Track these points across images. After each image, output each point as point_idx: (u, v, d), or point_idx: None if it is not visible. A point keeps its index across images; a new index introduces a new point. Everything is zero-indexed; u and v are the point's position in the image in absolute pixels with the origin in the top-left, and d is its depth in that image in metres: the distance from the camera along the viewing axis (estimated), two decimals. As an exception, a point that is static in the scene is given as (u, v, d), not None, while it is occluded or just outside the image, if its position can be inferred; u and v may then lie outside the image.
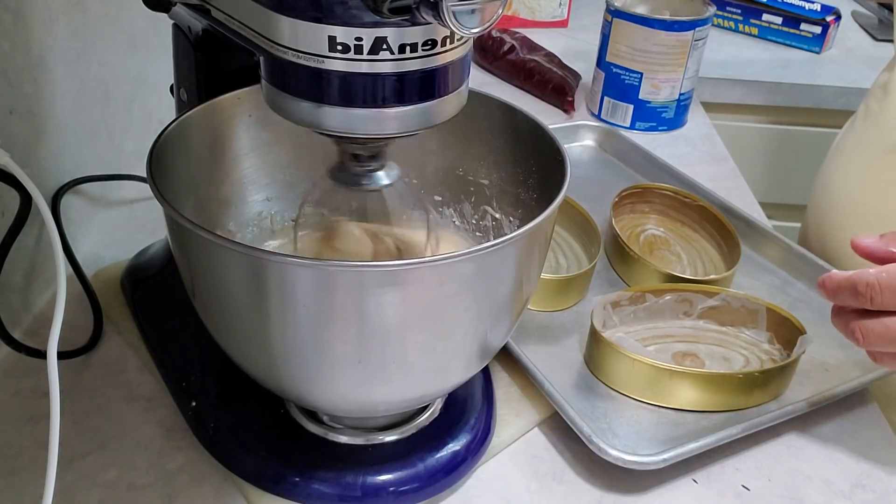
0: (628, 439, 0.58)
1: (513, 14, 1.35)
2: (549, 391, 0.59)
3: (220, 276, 0.44)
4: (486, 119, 0.57)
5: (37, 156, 0.66)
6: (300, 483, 0.52)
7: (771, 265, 0.79)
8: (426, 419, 0.56)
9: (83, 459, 0.55)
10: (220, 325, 0.48)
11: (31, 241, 0.64)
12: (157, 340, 0.64)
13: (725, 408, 0.61)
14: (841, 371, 0.66)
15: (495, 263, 0.44)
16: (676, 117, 1.06)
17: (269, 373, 0.48)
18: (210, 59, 0.56)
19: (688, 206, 0.81)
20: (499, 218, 0.60)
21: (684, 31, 0.99)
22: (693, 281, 0.71)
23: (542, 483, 0.56)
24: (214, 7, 0.46)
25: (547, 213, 0.45)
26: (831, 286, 0.54)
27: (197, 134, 0.54)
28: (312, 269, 0.41)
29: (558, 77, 1.11)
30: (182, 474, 0.55)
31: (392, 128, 0.42)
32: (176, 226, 0.44)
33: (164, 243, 0.68)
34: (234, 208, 0.59)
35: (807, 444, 0.61)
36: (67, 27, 0.68)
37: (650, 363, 0.60)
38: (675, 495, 0.56)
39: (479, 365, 0.52)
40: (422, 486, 0.53)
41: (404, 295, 0.42)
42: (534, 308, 0.70)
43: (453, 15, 0.35)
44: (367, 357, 0.44)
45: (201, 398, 0.58)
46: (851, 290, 0.53)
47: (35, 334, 0.64)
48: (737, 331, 0.68)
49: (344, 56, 0.38)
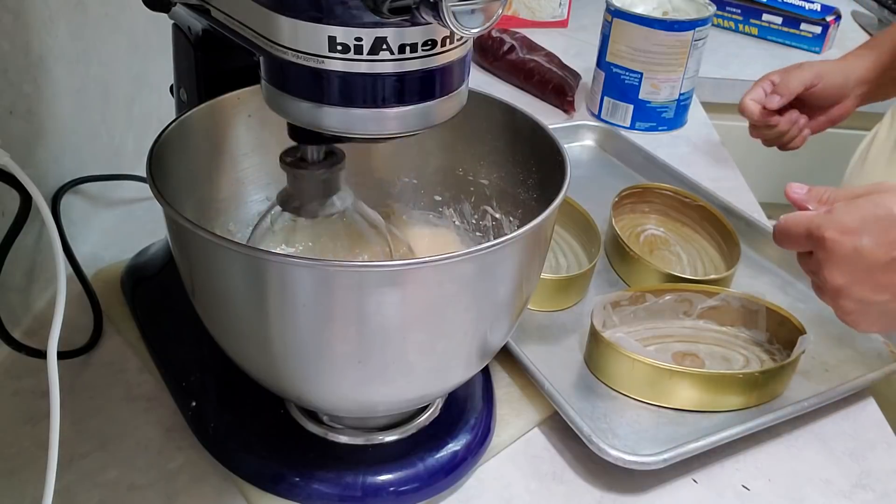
0: (628, 439, 0.58)
1: (513, 14, 1.35)
2: (549, 391, 0.59)
3: (220, 276, 0.44)
4: (486, 119, 0.57)
5: (37, 156, 0.66)
6: (300, 483, 0.52)
7: (771, 265, 0.79)
8: (426, 419, 0.56)
9: (83, 459, 0.55)
10: (220, 325, 0.48)
11: (31, 241, 0.64)
12: (157, 340, 0.64)
13: (725, 408, 0.61)
14: (841, 371, 0.66)
15: (495, 263, 0.44)
16: (676, 117, 1.06)
17: (269, 373, 0.48)
18: (210, 59, 0.56)
19: (688, 206, 0.81)
20: (499, 218, 0.60)
21: (684, 31, 0.99)
22: (693, 281, 0.71)
23: (542, 483, 0.56)
24: (214, 7, 0.46)
25: (547, 213, 0.45)
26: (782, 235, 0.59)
27: (197, 134, 0.54)
28: (312, 269, 0.41)
29: (558, 77, 1.11)
30: (182, 474, 0.55)
31: (392, 128, 0.42)
32: (176, 226, 0.44)
33: (164, 243, 0.68)
34: (234, 208, 0.59)
35: (807, 444, 0.61)
36: (67, 27, 0.68)
37: (650, 363, 0.60)
38: (675, 495, 0.56)
39: (479, 365, 0.52)
40: (422, 486, 0.53)
41: (404, 295, 0.42)
42: (534, 308, 0.70)
43: (453, 15, 0.35)
44: (368, 357, 0.44)
45: (201, 398, 0.58)
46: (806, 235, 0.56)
47: (35, 334, 0.64)
48: (737, 331, 0.68)
49: (344, 56, 0.38)
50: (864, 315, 0.57)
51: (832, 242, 0.54)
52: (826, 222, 0.54)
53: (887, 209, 0.54)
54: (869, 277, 0.55)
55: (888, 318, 0.57)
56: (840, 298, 0.57)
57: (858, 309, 0.57)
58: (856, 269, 0.54)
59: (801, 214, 0.57)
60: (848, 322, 0.59)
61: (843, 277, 0.55)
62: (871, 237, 0.53)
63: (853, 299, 0.56)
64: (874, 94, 0.95)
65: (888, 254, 0.53)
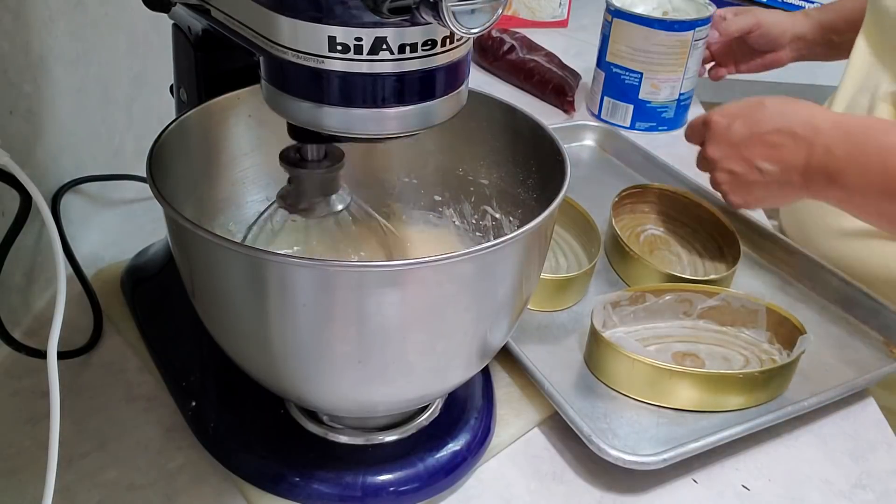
0: (628, 439, 0.58)
1: (513, 14, 1.35)
2: (549, 391, 0.59)
3: (220, 276, 0.44)
4: (486, 119, 0.57)
5: (37, 156, 0.66)
6: (300, 483, 0.52)
7: (771, 265, 0.79)
8: (426, 419, 0.56)
9: (83, 459, 0.55)
10: (220, 325, 0.48)
11: (31, 241, 0.64)
12: (157, 340, 0.64)
13: (725, 408, 0.61)
14: (841, 371, 0.66)
15: (495, 263, 0.44)
16: (676, 117, 1.06)
17: (269, 373, 0.48)
18: (210, 59, 0.56)
19: (688, 206, 0.81)
20: (499, 218, 0.60)
21: (684, 31, 0.99)
22: (693, 281, 0.71)
23: (542, 483, 0.56)
24: (214, 7, 0.46)
25: (547, 213, 0.45)
26: (689, 129, 0.75)
27: (197, 134, 0.54)
28: (312, 269, 0.41)
29: (558, 77, 1.11)
30: (182, 474, 0.55)
31: (392, 128, 0.42)
32: (176, 226, 0.44)
33: (164, 243, 0.68)
34: (234, 208, 0.59)
35: (807, 444, 0.61)
36: (67, 27, 0.68)
37: (650, 363, 0.60)
38: (675, 495, 0.56)
39: (479, 365, 0.52)
40: (422, 486, 0.53)
41: (404, 295, 0.42)
42: (534, 308, 0.70)
43: (453, 15, 0.35)
44: (367, 357, 0.44)
45: (201, 398, 0.58)
46: (702, 122, 0.72)
47: (35, 334, 0.64)
48: (737, 331, 0.68)
49: (344, 56, 0.38)
50: (731, 186, 0.71)
51: (714, 123, 0.70)
52: (716, 110, 0.70)
53: (759, 99, 0.69)
54: (735, 152, 0.68)
55: (747, 190, 0.70)
56: (715, 171, 0.71)
57: (727, 180, 0.71)
58: (727, 144, 0.69)
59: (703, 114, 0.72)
60: (721, 192, 0.73)
61: (718, 152, 0.70)
62: (741, 118, 0.68)
63: (724, 170, 0.70)
64: (809, 52, 1.06)
65: (750, 129, 0.67)
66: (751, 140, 0.67)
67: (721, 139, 0.69)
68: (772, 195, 0.71)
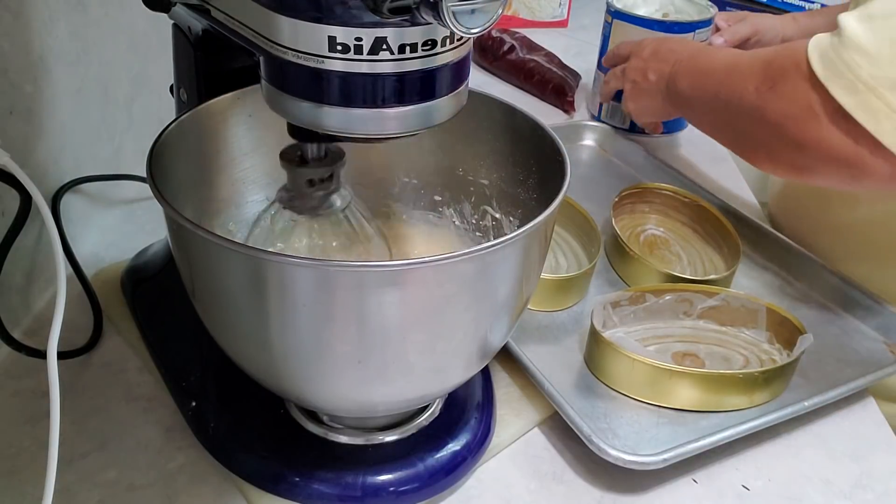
0: (628, 439, 0.58)
1: (513, 14, 1.35)
2: (549, 391, 0.59)
3: (220, 276, 0.44)
4: (486, 119, 0.57)
5: (37, 156, 0.66)
6: (300, 483, 0.52)
7: (771, 265, 0.79)
8: (426, 419, 0.56)
9: (83, 459, 0.55)
10: (220, 325, 0.48)
11: (31, 241, 0.64)
12: (157, 340, 0.64)
13: (725, 408, 0.61)
14: (841, 371, 0.66)
15: (495, 263, 0.44)
16: (676, 119, 1.06)
17: (269, 373, 0.48)
18: (210, 59, 0.56)
19: (688, 206, 0.81)
20: (499, 218, 0.60)
21: (685, 33, 0.99)
22: (693, 281, 0.71)
23: (542, 483, 0.56)
24: (214, 7, 0.46)
25: (547, 213, 0.45)
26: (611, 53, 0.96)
27: (197, 134, 0.54)
28: (312, 269, 0.41)
29: (558, 77, 1.11)
30: (182, 474, 0.55)
31: (392, 128, 0.42)
32: (176, 226, 0.44)
33: (164, 243, 0.68)
34: (234, 208, 0.59)
35: (807, 444, 0.61)
36: (67, 27, 0.68)
37: (650, 363, 0.60)
38: (675, 495, 0.56)
39: (479, 365, 0.52)
40: (422, 486, 0.53)
41: (404, 295, 0.42)
42: (534, 308, 0.70)
43: (453, 15, 0.35)
44: (367, 357, 0.44)
45: (201, 398, 0.58)
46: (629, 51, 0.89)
47: (35, 334, 0.64)
48: (737, 331, 0.68)
49: (344, 56, 0.38)
50: (630, 93, 0.87)
51: (635, 45, 0.88)
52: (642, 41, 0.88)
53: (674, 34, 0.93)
54: (641, 64, 0.85)
55: (638, 96, 0.86)
56: (625, 83, 0.88)
57: (629, 88, 0.87)
58: (637, 60, 0.86)
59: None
60: (625, 99, 0.89)
61: (631, 71, 0.86)
62: (651, 43, 0.85)
63: (629, 80, 0.87)
64: None
65: (654, 49, 0.84)
66: (652, 56, 0.84)
67: (634, 58, 0.87)
68: (653, 104, 0.84)
